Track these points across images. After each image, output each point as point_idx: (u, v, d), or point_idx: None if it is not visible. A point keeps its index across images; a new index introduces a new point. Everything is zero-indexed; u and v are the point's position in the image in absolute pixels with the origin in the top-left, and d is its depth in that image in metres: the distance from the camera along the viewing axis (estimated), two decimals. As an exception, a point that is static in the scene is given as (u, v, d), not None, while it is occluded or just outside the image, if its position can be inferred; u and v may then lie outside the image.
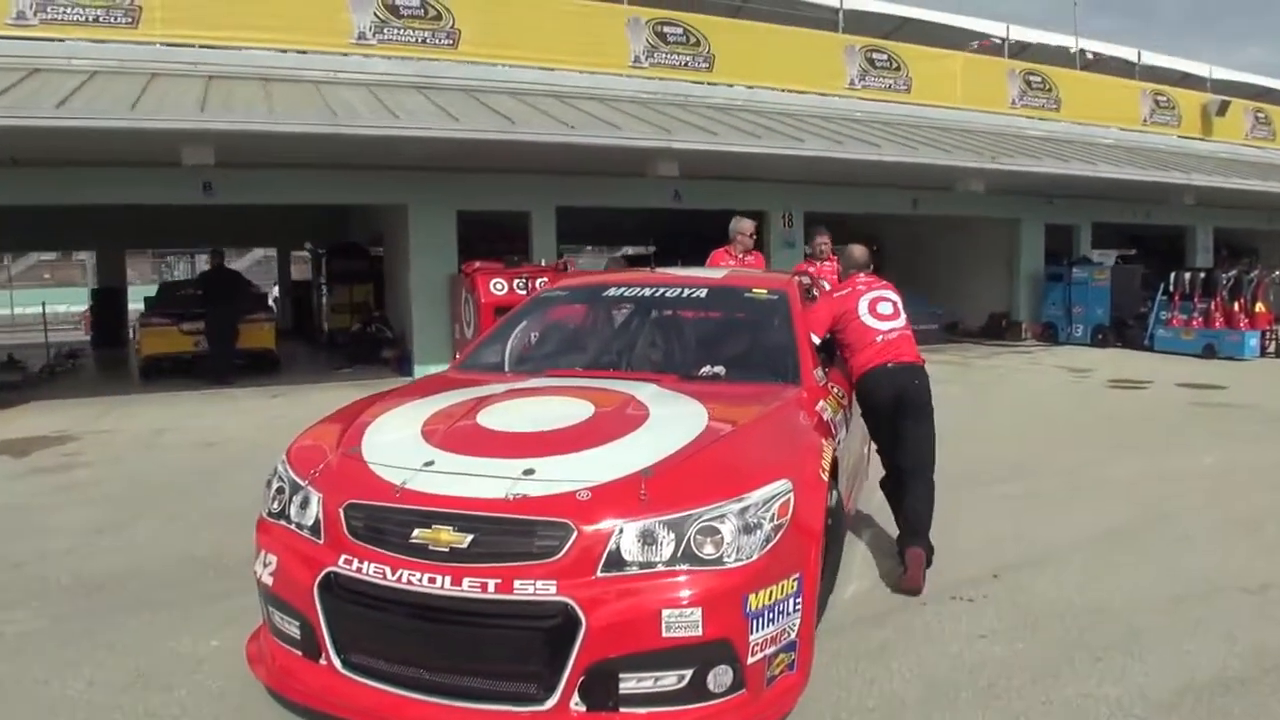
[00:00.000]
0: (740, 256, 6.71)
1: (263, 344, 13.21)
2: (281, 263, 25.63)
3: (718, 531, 2.64)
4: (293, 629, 2.85)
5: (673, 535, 2.62)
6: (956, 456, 6.33)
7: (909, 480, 4.30)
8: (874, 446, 4.75)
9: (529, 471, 2.77)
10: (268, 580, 2.94)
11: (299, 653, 2.85)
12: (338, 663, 2.73)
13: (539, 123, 10.95)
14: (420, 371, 11.73)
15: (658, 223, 16.90)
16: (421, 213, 12.76)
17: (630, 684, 2.54)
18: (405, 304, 13.22)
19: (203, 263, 21.20)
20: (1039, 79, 17.36)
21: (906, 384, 4.31)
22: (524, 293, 10.50)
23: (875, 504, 4.95)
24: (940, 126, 15.52)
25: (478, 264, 11.25)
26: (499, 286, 10.97)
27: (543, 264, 11.94)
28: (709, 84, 14.33)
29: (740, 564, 2.64)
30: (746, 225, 6.80)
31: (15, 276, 38.48)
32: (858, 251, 4.74)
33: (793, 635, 2.77)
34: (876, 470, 4.78)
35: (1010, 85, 17.01)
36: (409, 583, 2.61)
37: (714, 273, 5.38)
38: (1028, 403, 10.08)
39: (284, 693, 2.89)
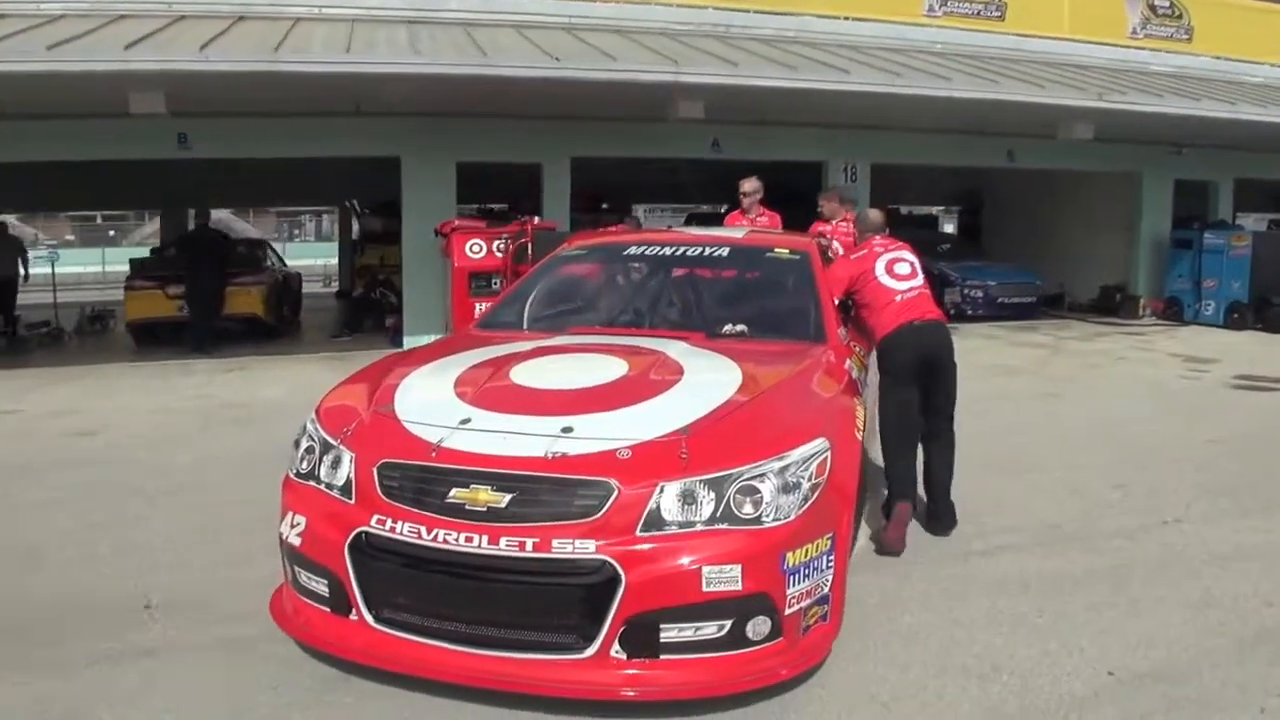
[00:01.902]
0: (753, 217, 6.60)
1: (250, 310, 12.16)
2: (342, 222, 24.86)
3: (757, 491, 2.68)
4: (320, 586, 2.85)
5: (713, 495, 2.65)
6: (959, 508, 4.54)
7: (930, 440, 4.36)
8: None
9: (567, 429, 2.78)
10: (294, 540, 2.93)
11: (326, 609, 2.85)
12: (369, 618, 2.75)
13: (519, 54, 9.22)
14: (410, 343, 10.55)
15: (730, 176, 15.06)
16: (415, 165, 11.29)
17: (671, 633, 2.57)
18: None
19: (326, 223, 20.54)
20: (1165, 4, 14.30)
21: (933, 341, 4.29)
22: (503, 256, 8.99)
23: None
24: (1042, 61, 12.88)
25: (456, 222, 9.68)
26: (476, 249, 9.38)
27: (536, 221, 10.29)
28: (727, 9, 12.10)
29: (778, 523, 2.68)
30: (746, 184, 6.68)
31: (148, 235, 38.97)
32: (874, 215, 4.77)
33: (826, 589, 2.82)
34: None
35: (1130, 12, 14.03)
36: (444, 542, 2.62)
37: (734, 232, 5.36)
38: (1112, 410, 7.60)
39: (314, 644, 2.92)
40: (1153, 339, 12.08)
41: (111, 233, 41.46)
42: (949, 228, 23.23)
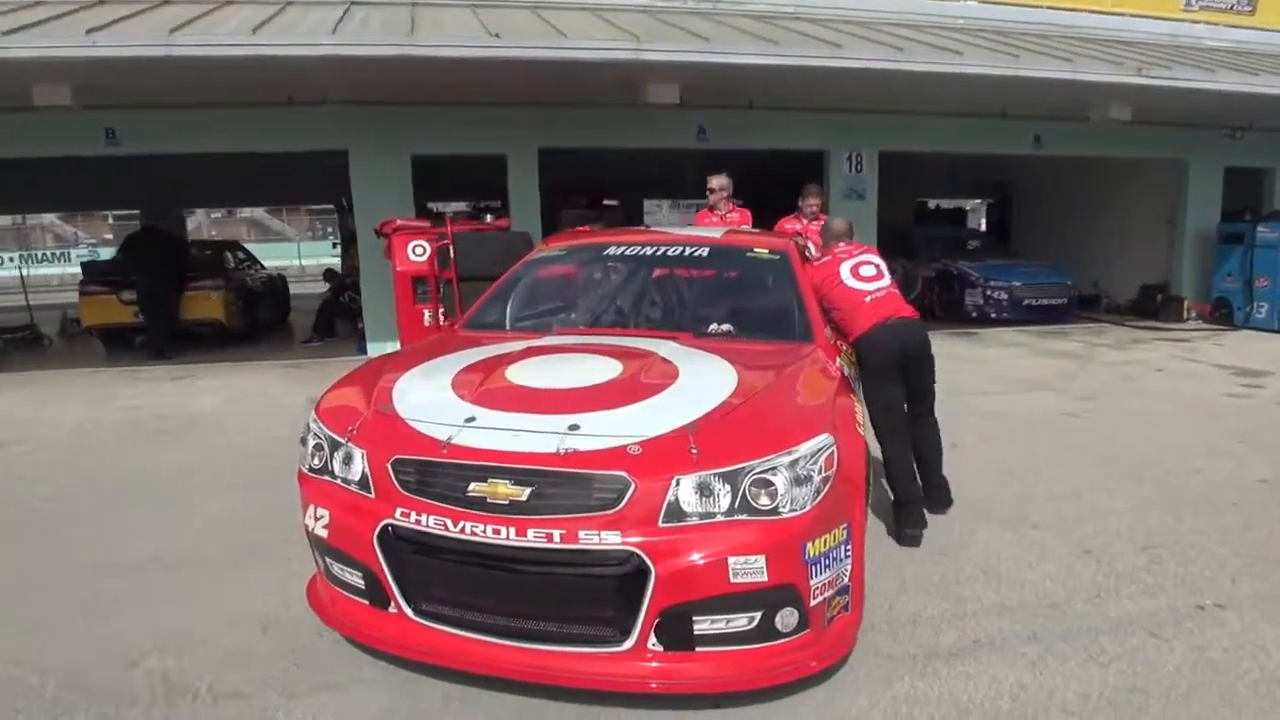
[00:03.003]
0: (723, 214, 6.41)
1: (210, 314, 11.43)
2: (341, 220, 24.06)
3: (771, 484, 2.67)
4: (355, 579, 2.86)
5: (728, 487, 2.65)
6: (921, 582, 3.77)
7: (914, 426, 4.41)
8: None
9: (574, 427, 2.77)
10: (321, 533, 2.93)
11: (365, 602, 2.87)
12: (409, 611, 2.76)
13: (454, 33, 8.15)
14: (374, 349, 9.80)
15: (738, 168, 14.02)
16: (365, 160, 10.31)
17: (704, 625, 2.60)
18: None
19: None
20: (1225, -30, 12.84)
21: (910, 337, 4.32)
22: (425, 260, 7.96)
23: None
24: (1077, 37, 11.51)
25: (398, 221, 8.59)
26: (419, 251, 8.25)
27: (489, 219, 9.20)
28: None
29: (795, 514, 2.67)
30: (714, 181, 6.50)
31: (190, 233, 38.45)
32: (837, 224, 4.80)
33: (845, 579, 2.84)
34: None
35: (1182, -20, 12.60)
36: (473, 534, 2.63)
37: (712, 232, 5.28)
38: (1145, 438, 6.18)
39: (362, 640, 2.93)
40: (1197, 346, 10.64)
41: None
42: (983, 223, 21.76)
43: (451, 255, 6.69)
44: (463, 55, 8.09)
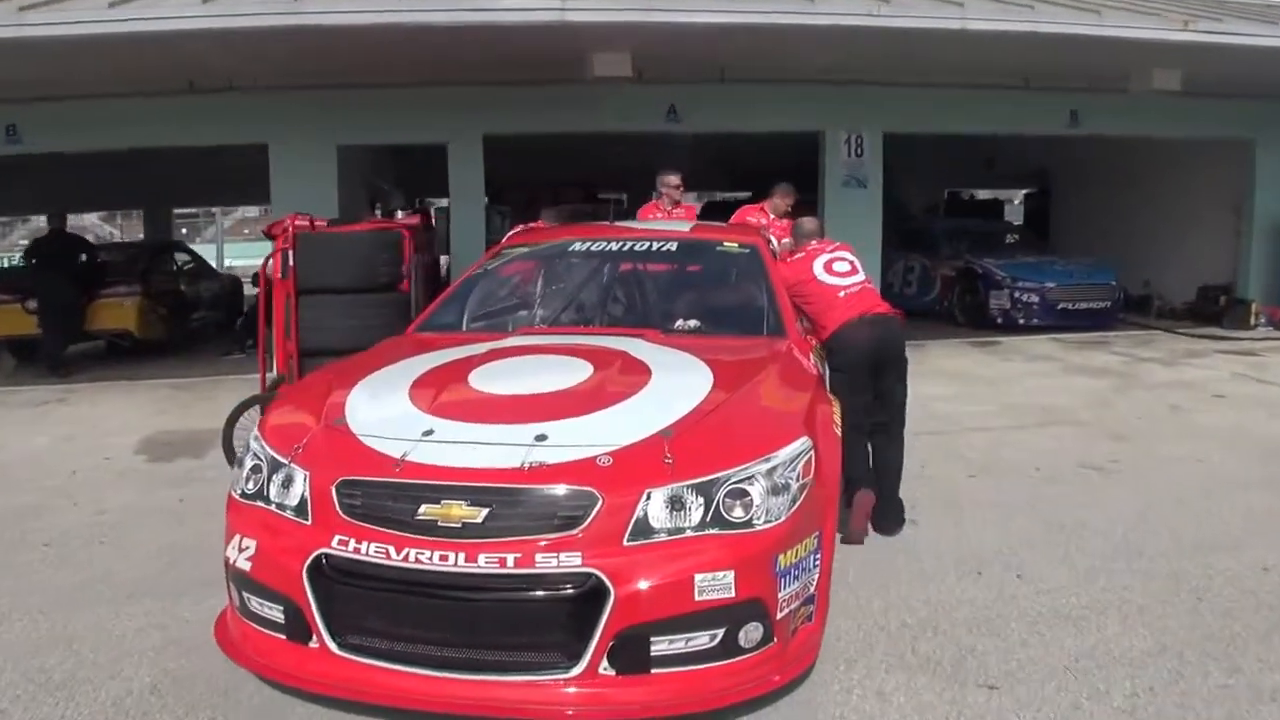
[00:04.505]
0: (669, 210, 6.10)
1: (121, 325, 10.18)
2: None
3: (746, 494, 2.56)
4: (274, 613, 2.62)
5: (701, 499, 2.52)
6: None
7: (877, 432, 4.21)
8: None
9: (541, 437, 2.62)
10: (244, 565, 2.68)
11: (281, 636, 2.62)
12: (332, 645, 2.53)
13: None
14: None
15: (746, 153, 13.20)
16: (284, 151, 9.07)
17: (661, 646, 2.42)
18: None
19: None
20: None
21: (884, 335, 4.18)
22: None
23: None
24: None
25: (287, 221, 7.26)
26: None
27: (400, 216, 7.86)
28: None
29: (769, 526, 2.55)
30: (672, 178, 6.15)
31: (225, 230, 38.39)
32: (809, 224, 4.71)
33: (812, 589, 2.73)
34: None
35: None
36: (417, 561, 2.44)
37: (680, 226, 5.11)
38: (1192, 507, 4.47)
39: (276, 678, 2.67)
40: (1268, 362, 8.79)
41: (184, 230, 41.73)
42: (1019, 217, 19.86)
43: (290, 263, 5.32)
44: (358, 23, 6.86)
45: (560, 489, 2.49)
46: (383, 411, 2.91)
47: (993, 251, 11.97)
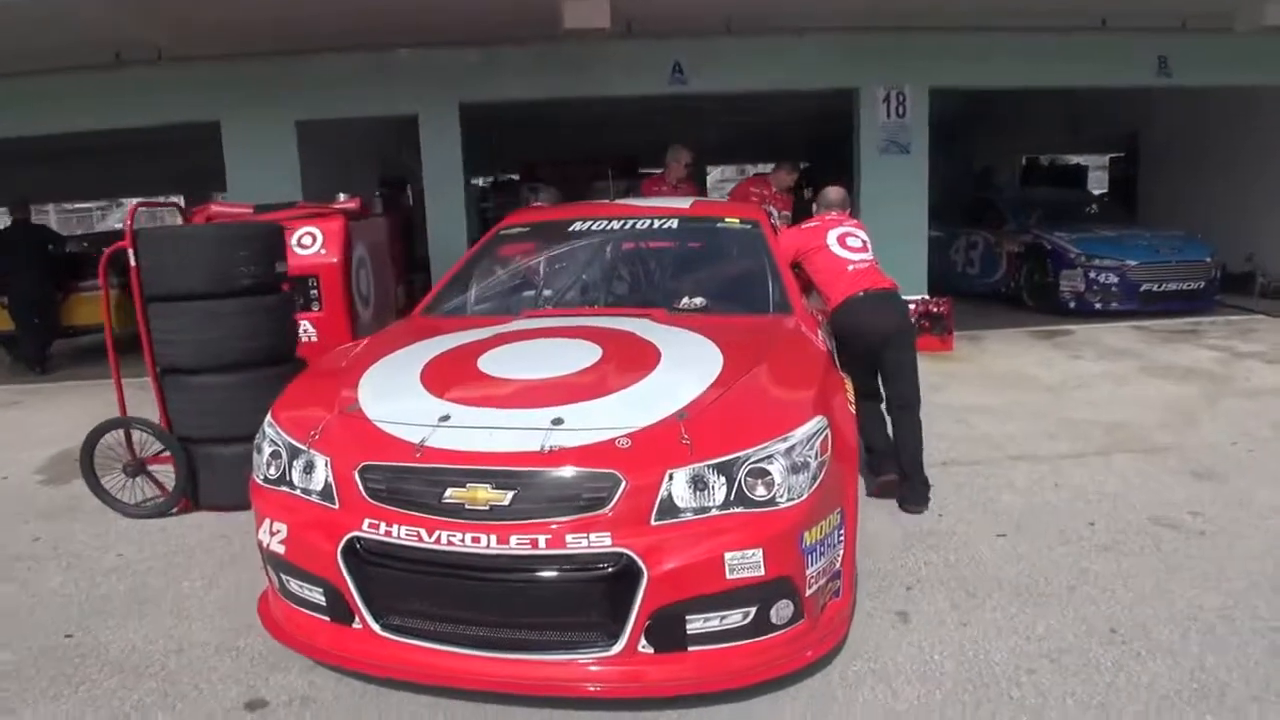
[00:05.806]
0: (674, 185, 6.25)
1: (97, 320, 9.49)
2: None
3: (767, 473, 2.55)
4: (315, 595, 2.67)
5: (723, 479, 2.52)
6: None
7: (895, 414, 4.22)
8: None
9: (558, 421, 2.61)
10: (278, 548, 2.72)
11: (326, 618, 2.67)
12: (375, 626, 2.58)
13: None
14: None
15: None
16: (237, 129, 8.14)
17: (697, 624, 2.47)
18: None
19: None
20: None
21: (889, 309, 4.22)
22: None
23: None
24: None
25: (213, 208, 6.28)
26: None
27: (332, 206, 6.80)
28: None
29: (793, 503, 2.56)
30: (685, 155, 6.30)
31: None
32: (834, 193, 4.66)
33: (838, 565, 2.76)
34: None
35: None
36: (449, 544, 2.46)
37: (679, 202, 5.08)
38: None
39: (321, 659, 2.75)
40: None
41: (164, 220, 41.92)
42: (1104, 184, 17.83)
43: (131, 261, 4.31)
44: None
45: (583, 471, 2.47)
46: (396, 397, 2.89)
47: (1066, 224, 10.33)
